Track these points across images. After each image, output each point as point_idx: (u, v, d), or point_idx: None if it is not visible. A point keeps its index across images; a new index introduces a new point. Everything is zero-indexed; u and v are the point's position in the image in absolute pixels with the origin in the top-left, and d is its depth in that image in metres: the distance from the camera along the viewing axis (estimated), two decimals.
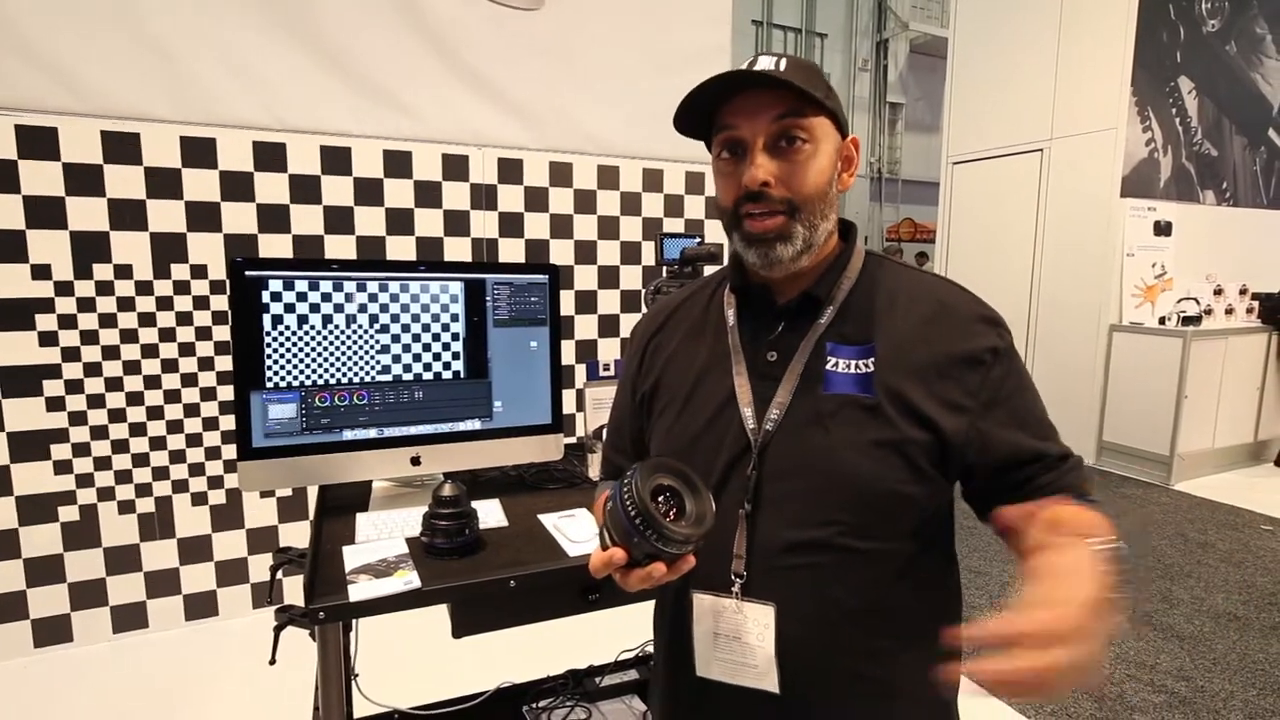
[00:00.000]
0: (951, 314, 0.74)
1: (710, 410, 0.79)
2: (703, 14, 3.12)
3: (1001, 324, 0.75)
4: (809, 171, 0.73)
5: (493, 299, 1.44)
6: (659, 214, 3.15)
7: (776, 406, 0.75)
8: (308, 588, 1.04)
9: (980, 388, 0.71)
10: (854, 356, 0.74)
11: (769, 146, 0.72)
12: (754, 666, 0.74)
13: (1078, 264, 4.91)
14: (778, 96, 0.71)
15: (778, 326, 0.79)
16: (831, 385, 0.73)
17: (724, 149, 0.75)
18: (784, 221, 0.72)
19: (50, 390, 2.27)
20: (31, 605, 2.31)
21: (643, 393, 0.88)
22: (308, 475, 1.35)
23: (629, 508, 0.62)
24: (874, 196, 12.63)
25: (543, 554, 1.18)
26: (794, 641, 0.73)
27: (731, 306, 0.83)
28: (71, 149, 2.22)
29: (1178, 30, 4.71)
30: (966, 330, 0.73)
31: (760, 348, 0.79)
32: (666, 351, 0.88)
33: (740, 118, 0.73)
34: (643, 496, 0.62)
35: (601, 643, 1.97)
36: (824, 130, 0.74)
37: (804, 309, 0.78)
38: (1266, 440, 5.01)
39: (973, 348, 0.72)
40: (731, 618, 0.75)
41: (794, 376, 0.75)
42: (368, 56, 2.57)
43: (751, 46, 10.87)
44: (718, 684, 0.77)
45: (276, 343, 1.29)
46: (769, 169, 0.72)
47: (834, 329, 0.76)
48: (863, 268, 0.80)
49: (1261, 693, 2.30)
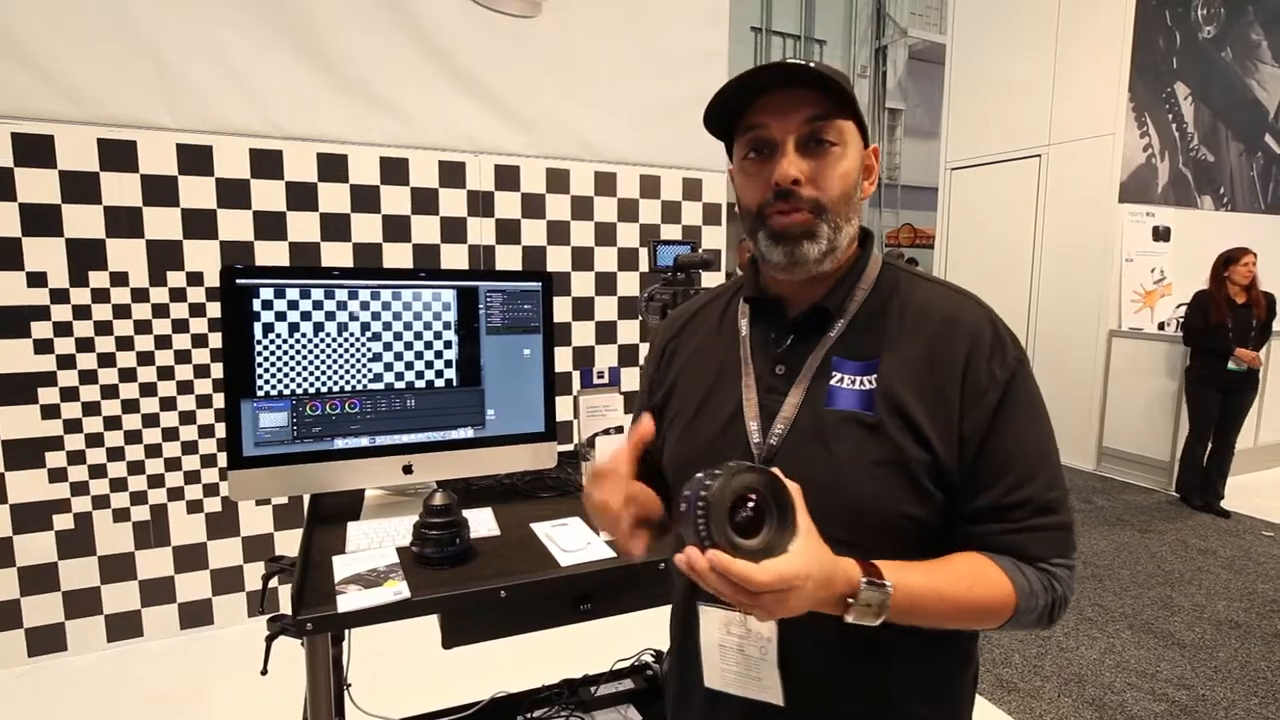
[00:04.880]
0: (960, 332, 0.72)
1: (720, 421, 0.78)
2: (699, 19, 3.12)
3: (1011, 347, 0.72)
4: (838, 173, 0.72)
5: (485, 306, 1.44)
6: (656, 220, 3.15)
7: (782, 421, 0.74)
8: (295, 598, 1.03)
9: (976, 413, 0.70)
10: (858, 372, 0.73)
11: (799, 146, 0.71)
12: (758, 679, 0.74)
13: (1076, 269, 4.91)
14: (810, 96, 0.71)
15: (788, 338, 0.78)
16: (835, 401, 0.72)
17: (750, 149, 0.74)
18: (811, 219, 0.71)
19: (45, 398, 2.26)
20: (26, 614, 2.30)
21: (657, 398, 0.88)
22: (299, 484, 1.34)
23: (705, 490, 0.58)
24: (874, 202, 12.65)
25: (534, 563, 1.17)
26: (797, 655, 0.72)
27: (745, 316, 0.83)
28: (68, 156, 2.23)
29: (1174, 36, 4.73)
30: (973, 351, 0.71)
31: (770, 360, 0.78)
32: (682, 357, 0.87)
33: (770, 116, 0.71)
34: (726, 488, 0.58)
35: (596, 652, 1.96)
36: (852, 135, 0.73)
37: (815, 321, 0.77)
38: (1267, 445, 4.99)
39: (976, 370, 0.70)
40: (736, 630, 0.74)
41: (800, 391, 0.74)
42: (364, 64, 2.57)
43: (750, 53, 10.91)
44: (725, 695, 0.77)
45: (268, 351, 1.29)
46: (800, 167, 0.71)
47: (842, 343, 0.75)
48: (878, 278, 0.78)
49: (1263, 701, 2.29)
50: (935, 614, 0.67)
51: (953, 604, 0.67)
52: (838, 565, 0.62)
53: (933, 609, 0.66)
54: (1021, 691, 2.33)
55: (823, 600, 0.61)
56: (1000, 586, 0.68)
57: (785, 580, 0.56)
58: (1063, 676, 2.42)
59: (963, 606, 0.67)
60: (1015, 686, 2.36)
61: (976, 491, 0.70)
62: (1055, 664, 2.50)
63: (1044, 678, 2.41)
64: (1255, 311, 3.88)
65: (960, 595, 0.67)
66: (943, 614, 0.67)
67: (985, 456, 0.70)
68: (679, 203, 3.19)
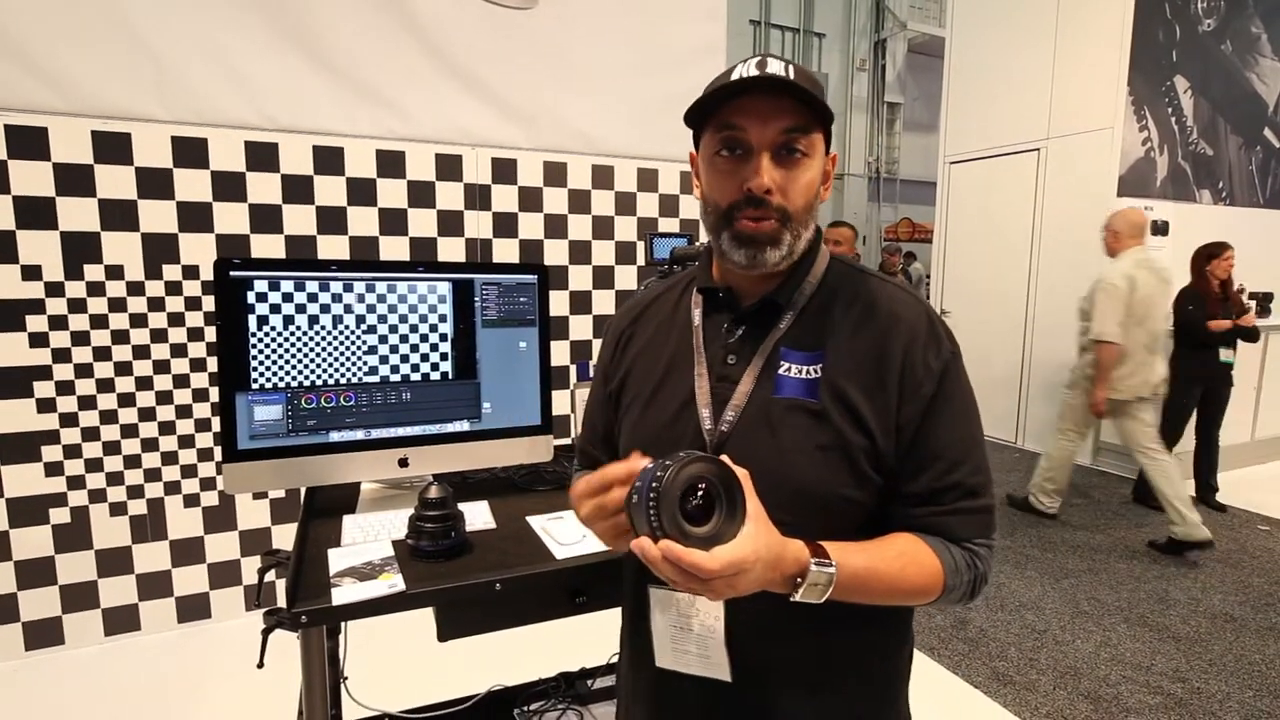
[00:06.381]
0: (899, 326, 0.76)
1: (672, 409, 0.81)
2: (697, 12, 3.11)
3: (946, 341, 0.77)
4: (804, 183, 0.75)
5: (481, 299, 1.44)
6: (654, 214, 3.14)
7: (732, 409, 0.77)
8: (290, 591, 1.03)
9: (913, 403, 0.74)
10: (804, 362, 0.76)
11: (773, 155, 0.73)
12: (706, 656, 0.77)
13: (1075, 263, 4.90)
14: (788, 106, 0.72)
15: (739, 329, 0.81)
16: (782, 389, 0.76)
17: (724, 146, 0.75)
18: (777, 227, 0.74)
19: (41, 392, 2.26)
20: (23, 608, 2.30)
21: (613, 385, 0.91)
22: (294, 477, 1.34)
23: (656, 481, 0.60)
24: (872, 196, 12.62)
25: (530, 556, 1.17)
26: (743, 632, 0.76)
27: (698, 307, 0.85)
28: (62, 149, 2.21)
29: (1173, 29, 4.71)
30: (910, 344, 0.75)
31: (722, 349, 0.81)
32: (637, 346, 0.90)
33: (749, 120, 0.73)
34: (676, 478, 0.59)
35: (593, 645, 1.96)
36: (819, 145, 0.76)
37: (766, 313, 0.80)
38: (1264, 440, 5.00)
39: (913, 362, 0.74)
40: (684, 610, 0.78)
41: (750, 379, 0.77)
42: (359, 56, 2.56)
43: (749, 47, 10.86)
44: (675, 674, 0.80)
45: (262, 344, 1.29)
46: (774, 176, 0.73)
47: (790, 334, 0.78)
48: (825, 273, 0.81)
49: (1258, 694, 2.30)
50: (874, 591, 0.70)
51: (889, 582, 0.71)
52: (786, 547, 0.65)
53: (872, 587, 0.70)
54: (1017, 684, 2.34)
55: (771, 580, 0.64)
56: (931, 566, 0.73)
57: (735, 566, 0.59)
58: (1058, 669, 2.43)
59: (898, 584, 0.72)
60: (1011, 679, 2.37)
61: (910, 475, 0.75)
62: (1051, 657, 2.50)
63: (1039, 670, 2.42)
64: (1233, 304, 3.86)
65: (895, 574, 0.71)
66: (880, 591, 0.71)
67: (919, 443, 0.74)
68: (677, 196, 3.18)
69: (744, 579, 0.61)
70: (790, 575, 0.65)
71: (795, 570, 0.65)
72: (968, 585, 0.75)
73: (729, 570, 0.59)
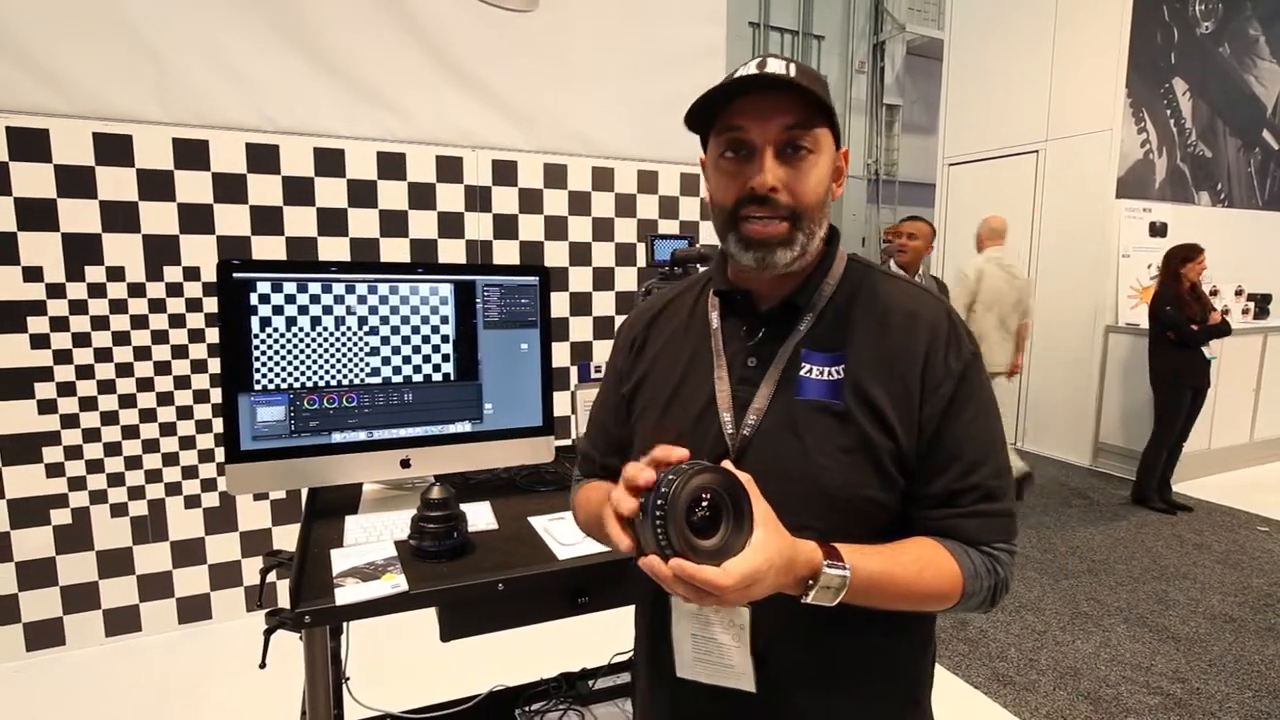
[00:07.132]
0: (920, 326, 0.75)
1: (692, 413, 0.80)
2: (697, 14, 3.12)
3: (966, 341, 0.76)
4: (812, 181, 0.74)
5: (483, 301, 1.44)
6: (654, 216, 3.15)
7: (754, 412, 0.76)
8: (293, 591, 1.03)
9: (932, 402, 0.73)
10: (825, 363, 0.75)
11: (777, 153, 0.73)
12: (730, 666, 0.75)
13: (1073, 265, 4.92)
14: (789, 103, 0.71)
15: (759, 332, 0.80)
16: (805, 391, 0.75)
17: (728, 148, 0.75)
18: (787, 228, 0.73)
19: (42, 393, 2.26)
20: (24, 609, 2.30)
21: (627, 388, 0.89)
22: (296, 478, 1.34)
23: (661, 497, 0.59)
24: (871, 198, 12.62)
25: (532, 557, 1.17)
26: (769, 642, 0.74)
27: (715, 310, 0.84)
28: (63, 151, 2.22)
29: (1172, 32, 4.73)
30: (932, 344, 0.74)
31: (742, 352, 0.80)
32: (652, 350, 0.88)
33: (750, 120, 0.72)
34: (681, 492, 0.59)
35: (594, 645, 1.96)
36: (826, 141, 0.75)
37: (785, 315, 0.79)
38: (1262, 441, 5.01)
39: (933, 362, 0.74)
40: (709, 619, 0.76)
41: (772, 382, 0.76)
42: (360, 58, 2.57)
43: (749, 49, 10.87)
44: (696, 684, 0.78)
45: (265, 345, 1.29)
46: (778, 174, 0.72)
47: (811, 335, 0.77)
48: (844, 274, 0.81)
49: (1257, 695, 2.30)
50: (890, 595, 0.69)
51: (906, 586, 0.69)
52: (798, 550, 0.64)
53: (888, 590, 0.68)
54: (1017, 685, 2.34)
55: (784, 584, 0.63)
56: (949, 570, 0.71)
57: (749, 578, 0.59)
58: (1058, 670, 2.43)
59: (915, 588, 0.70)
60: (1011, 680, 2.37)
61: (929, 476, 0.74)
62: (1051, 658, 2.51)
63: (1039, 671, 2.42)
64: (1204, 304, 3.88)
65: (912, 578, 0.70)
66: (897, 595, 0.70)
67: (938, 443, 0.73)
68: (677, 198, 3.19)
69: (758, 588, 0.60)
70: (802, 577, 0.64)
71: (807, 572, 0.64)
72: (988, 591, 0.74)
73: (744, 583, 0.58)
